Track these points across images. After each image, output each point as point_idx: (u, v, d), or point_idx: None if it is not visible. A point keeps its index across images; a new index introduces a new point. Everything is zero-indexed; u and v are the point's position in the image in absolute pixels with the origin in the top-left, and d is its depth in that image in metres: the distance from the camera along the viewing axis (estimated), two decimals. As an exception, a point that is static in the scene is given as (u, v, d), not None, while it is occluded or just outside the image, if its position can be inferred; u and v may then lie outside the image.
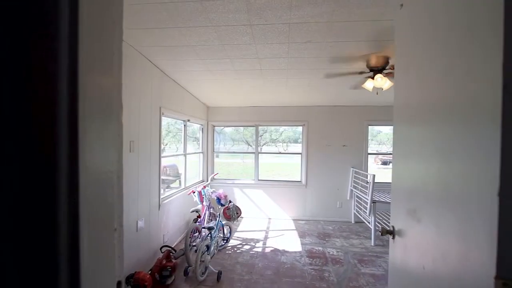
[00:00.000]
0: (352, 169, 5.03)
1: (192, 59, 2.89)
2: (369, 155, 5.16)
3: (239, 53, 2.71)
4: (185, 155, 4.28)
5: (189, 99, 4.36)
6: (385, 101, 4.72)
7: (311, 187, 5.19)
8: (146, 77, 2.93)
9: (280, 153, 5.82)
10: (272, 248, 3.78)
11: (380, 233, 1.40)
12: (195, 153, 5.13)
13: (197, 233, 3.36)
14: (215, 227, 3.17)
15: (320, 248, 3.83)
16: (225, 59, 2.86)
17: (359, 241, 4.14)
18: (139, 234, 2.88)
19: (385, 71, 2.72)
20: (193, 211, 3.38)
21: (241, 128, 7.47)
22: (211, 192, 3.54)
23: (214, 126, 5.46)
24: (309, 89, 4.03)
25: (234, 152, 5.70)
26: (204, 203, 3.68)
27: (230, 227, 3.81)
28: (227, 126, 5.57)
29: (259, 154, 5.45)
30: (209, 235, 3.15)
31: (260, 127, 5.45)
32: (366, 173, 4.84)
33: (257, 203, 5.29)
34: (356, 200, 4.94)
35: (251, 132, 5.40)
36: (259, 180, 5.34)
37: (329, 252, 3.68)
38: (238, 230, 4.50)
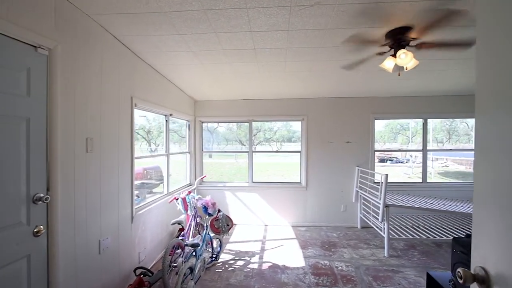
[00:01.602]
0: (357, 168, 4.50)
1: (168, 34, 2.29)
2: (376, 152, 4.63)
3: (227, 24, 2.12)
4: (167, 155, 3.67)
5: (171, 90, 3.75)
6: (392, 91, 4.21)
7: (312, 189, 4.65)
8: (109, 58, 2.32)
9: (277, 151, 5.25)
10: (270, 264, 3.20)
11: (460, 281, 0.84)
12: (180, 153, 4.52)
13: (180, 250, 2.77)
14: (200, 243, 2.58)
15: (326, 262, 3.28)
16: (209, 33, 2.27)
17: (369, 251, 3.60)
18: (104, 256, 2.27)
19: (412, 44, 2.19)
20: (174, 224, 2.78)
21: (235, 127, 6.90)
22: (197, 199, 2.95)
23: (202, 123, 4.86)
24: (310, 77, 3.47)
25: (225, 152, 5.10)
26: (189, 212, 3.08)
27: (220, 240, 3.22)
28: (217, 122, 4.98)
29: (254, 153, 4.87)
30: (194, 254, 2.56)
31: (254, 126, 4.87)
32: (375, 172, 4.32)
33: (251, 208, 4.72)
34: (363, 202, 4.41)
35: (245, 131, 4.83)
36: (253, 182, 4.76)
37: (337, 267, 3.13)
38: (230, 240, 3.91)
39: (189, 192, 3.21)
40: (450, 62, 2.93)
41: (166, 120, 3.68)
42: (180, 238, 2.94)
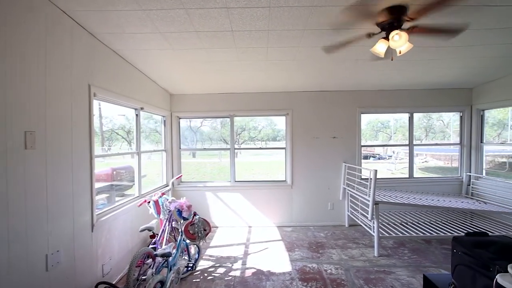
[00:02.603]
0: (344, 164, 4.32)
1: (129, 9, 1.94)
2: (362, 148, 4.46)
3: (198, -4, 1.82)
4: (138, 153, 3.30)
5: (141, 81, 3.37)
6: (378, 84, 4.06)
7: (297, 187, 4.42)
8: (57, 35, 1.94)
9: (261, 148, 4.95)
10: (254, 270, 2.93)
11: None
12: (154, 151, 4.14)
13: (151, 259, 2.43)
14: (173, 251, 2.26)
15: (314, 265, 3.04)
16: (178, 9, 1.95)
17: (359, 251, 3.41)
18: (53, 273, 1.89)
19: (404, 27, 1.98)
20: (143, 230, 2.43)
21: (219, 126, 6.57)
22: (170, 202, 2.61)
23: (179, 118, 4.50)
24: (294, 66, 3.22)
25: (205, 149, 4.76)
26: (162, 216, 2.74)
27: (198, 246, 2.90)
28: (195, 118, 4.64)
29: (236, 151, 4.57)
30: (165, 264, 2.24)
31: (238, 124, 4.57)
32: (363, 168, 4.16)
33: (234, 209, 4.42)
34: (350, 200, 4.24)
35: (228, 130, 4.51)
36: (236, 181, 4.47)
37: (326, 271, 2.91)
38: (211, 245, 3.59)
39: (163, 194, 2.87)
40: (439, 50, 2.77)
41: (137, 115, 3.30)
42: (151, 246, 2.59)
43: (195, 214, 2.34)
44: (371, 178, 3.30)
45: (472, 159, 4.36)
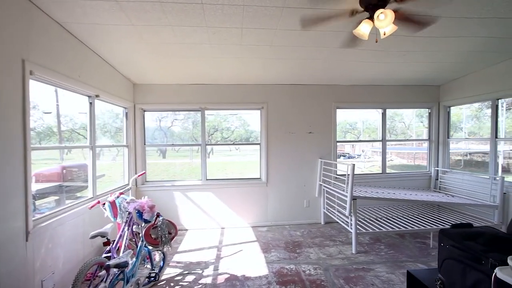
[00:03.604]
0: (320, 160, 4.21)
1: (72, -37, 1.58)
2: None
3: (159, -48, 1.51)
4: (92, 147, 2.85)
5: (98, 64, 2.93)
6: (354, 78, 4.01)
7: (273, 184, 4.22)
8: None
9: (234, 143, 4.70)
10: (227, 275, 2.65)
11: None
12: (112, 146, 3.67)
13: (105, 271, 2.04)
14: (130, 260, 1.91)
15: (292, 266, 2.85)
16: (135, -32, 1.63)
17: (336, 248, 3.29)
18: (-34, 297, 1.45)
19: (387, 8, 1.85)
20: (94, 237, 2.02)
21: (191, 126, 6.16)
22: (128, 202, 2.24)
23: (144, 111, 4.06)
24: (270, 54, 3.01)
25: (173, 145, 4.39)
26: (119, 219, 2.35)
27: (163, 253, 2.55)
28: (163, 111, 4.22)
29: (209, 150, 4.26)
30: (122, 276, 1.88)
31: (211, 125, 4.24)
32: (340, 163, 4.07)
33: (206, 209, 4.09)
34: (326, 196, 4.14)
35: (201, 131, 4.18)
36: (207, 180, 4.15)
37: (304, 271, 2.72)
38: (179, 250, 3.24)
39: (121, 194, 2.47)
40: (416, 41, 2.74)
41: (90, 103, 2.85)
42: (105, 255, 2.19)
43: (158, 216, 2.00)
44: (348, 174, 3.20)
45: (439, 154, 4.50)
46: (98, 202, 2.39)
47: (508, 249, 1.47)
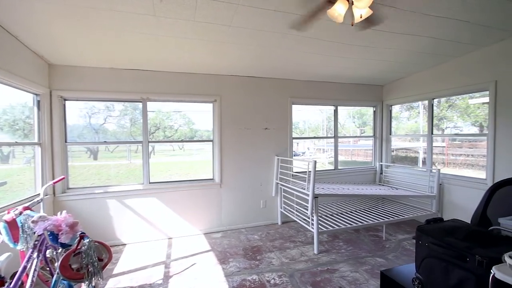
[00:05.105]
0: (277, 158, 4.02)
1: None
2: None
3: None
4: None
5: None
6: (310, 74, 3.94)
7: (227, 185, 3.85)
8: None
9: (183, 141, 4.17)
10: (179, 298, 2.19)
11: None
12: (16, 144, 2.77)
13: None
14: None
15: (254, 276, 2.54)
16: None
17: (297, 250, 3.12)
18: None
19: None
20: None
21: (128, 124, 5.30)
22: (36, 220, 1.59)
23: (64, 99, 3.22)
24: (228, 37, 2.64)
25: (107, 143, 3.63)
26: (19, 246, 1.66)
27: (93, 286, 1.93)
28: (91, 100, 3.40)
29: (150, 149, 3.64)
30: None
31: (150, 122, 3.61)
32: (300, 160, 3.94)
33: (149, 218, 3.48)
34: (284, 195, 3.97)
35: (140, 129, 3.54)
36: (150, 183, 3.54)
37: (269, 281, 2.44)
38: (115, 272, 2.61)
39: (26, 209, 1.78)
40: (377, 35, 2.73)
41: (-24, 83, 2.02)
42: (-3, 299, 1.51)
43: (82, 237, 1.44)
44: (310, 171, 3.06)
45: (383, 150, 4.81)
46: (-13, 223, 1.65)
47: (488, 243, 1.42)
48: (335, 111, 4.56)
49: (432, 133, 3.97)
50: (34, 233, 1.65)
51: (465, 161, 5.92)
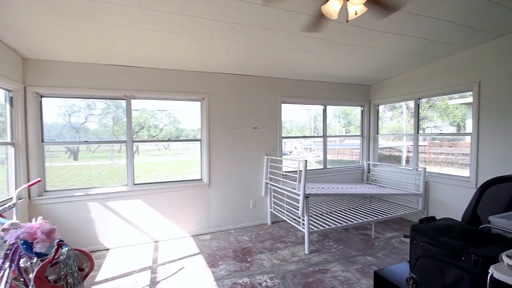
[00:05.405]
0: (266, 157, 3.97)
1: None
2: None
3: None
4: None
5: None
6: (299, 72, 3.92)
7: (216, 186, 3.75)
8: None
9: (170, 140, 4.04)
10: (167, 306, 2.09)
11: None
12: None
13: None
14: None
15: (245, 279, 2.47)
16: None
17: (288, 251, 3.08)
18: None
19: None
20: None
21: (111, 122, 5.07)
22: (7, 228, 1.45)
23: (41, 97, 3.01)
24: (217, 32, 2.55)
25: (88, 143, 3.43)
26: (-11, 256, 1.51)
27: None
28: (71, 97, 3.20)
29: (135, 149, 3.48)
30: None
31: (135, 121, 3.44)
32: (290, 160, 3.90)
33: (134, 221, 3.33)
34: (273, 195, 3.93)
35: (123, 128, 3.37)
36: (135, 184, 3.38)
37: (261, 284, 2.38)
38: (97, 280, 2.46)
39: (-4, 215, 1.62)
40: (366, 34, 2.73)
41: None
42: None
43: (60, 246, 1.31)
44: (301, 170, 3.03)
45: (370, 149, 4.87)
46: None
47: (482, 241, 1.42)
48: (324, 111, 4.56)
49: (418, 132, 4.05)
50: (5, 242, 1.50)
51: (446, 160, 6.13)
